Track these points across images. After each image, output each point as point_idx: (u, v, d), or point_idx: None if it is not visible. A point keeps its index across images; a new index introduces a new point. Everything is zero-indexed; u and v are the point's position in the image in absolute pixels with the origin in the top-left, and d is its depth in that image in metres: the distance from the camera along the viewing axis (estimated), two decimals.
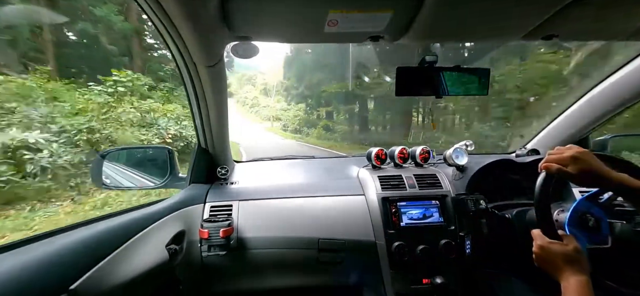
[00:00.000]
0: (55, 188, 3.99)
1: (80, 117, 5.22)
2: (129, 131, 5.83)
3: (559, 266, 0.69)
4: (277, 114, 22.62)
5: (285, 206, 1.22)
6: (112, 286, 0.70)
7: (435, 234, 1.14)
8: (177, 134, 6.84)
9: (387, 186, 1.24)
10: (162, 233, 0.96)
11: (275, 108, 24.91)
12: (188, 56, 0.90)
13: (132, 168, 1.36)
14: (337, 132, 16.45)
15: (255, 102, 29.77)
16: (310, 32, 0.85)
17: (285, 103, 25.86)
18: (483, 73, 0.96)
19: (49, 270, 0.59)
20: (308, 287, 1.39)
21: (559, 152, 0.74)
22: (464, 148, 1.31)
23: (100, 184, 1.17)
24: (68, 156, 4.30)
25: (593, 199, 0.81)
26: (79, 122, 5.02)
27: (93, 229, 0.77)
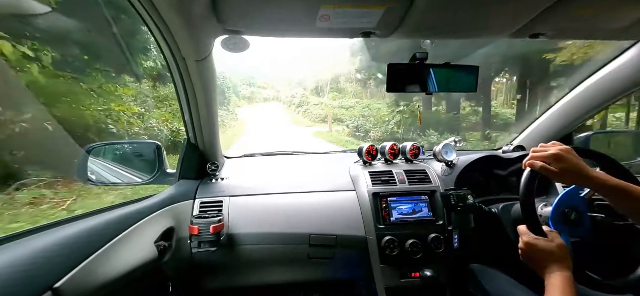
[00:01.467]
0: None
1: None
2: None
3: (543, 262, 0.72)
4: (335, 113, 16.89)
5: (276, 201, 1.22)
6: (98, 284, 0.69)
7: (424, 229, 1.16)
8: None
9: (378, 181, 1.25)
10: (151, 230, 0.95)
11: (330, 106, 19.79)
12: (176, 50, 0.88)
13: (119, 164, 1.33)
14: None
15: (304, 101, 26.27)
16: (301, 27, 0.84)
17: (345, 99, 20.33)
18: (472, 70, 0.98)
19: (33, 267, 0.57)
20: (299, 282, 1.40)
21: (543, 149, 0.76)
22: (452, 144, 1.34)
23: (86, 180, 1.14)
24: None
25: (575, 193, 0.84)
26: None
27: (79, 226, 0.75)
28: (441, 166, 1.34)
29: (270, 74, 48.59)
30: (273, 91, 43.46)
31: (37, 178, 3.20)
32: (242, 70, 43.28)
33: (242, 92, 39.77)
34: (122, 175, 1.29)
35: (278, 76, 45.36)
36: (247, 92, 40.84)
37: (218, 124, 1.26)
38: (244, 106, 31.22)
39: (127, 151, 1.36)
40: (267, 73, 47.84)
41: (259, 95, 42.07)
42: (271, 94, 42.53)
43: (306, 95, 27.95)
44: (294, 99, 28.84)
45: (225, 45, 0.92)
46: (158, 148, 1.26)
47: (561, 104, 1.42)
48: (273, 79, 45.83)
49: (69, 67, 4.61)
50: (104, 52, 5.41)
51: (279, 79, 45.59)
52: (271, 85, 46.38)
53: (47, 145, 3.40)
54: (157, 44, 0.90)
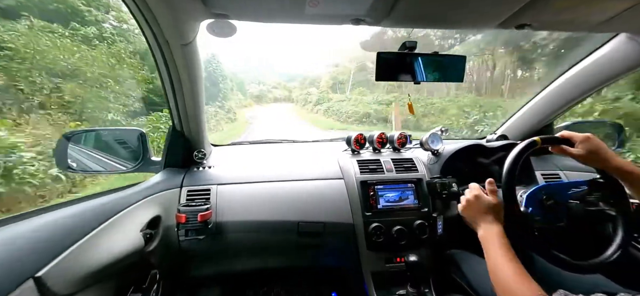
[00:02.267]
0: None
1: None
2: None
3: (484, 215, 0.83)
4: (377, 110, 14.91)
5: (265, 190, 1.22)
6: (82, 273, 0.68)
7: (410, 216, 1.19)
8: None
9: (366, 170, 1.27)
10: (137, 218, 0.93)
11: (360, 102, 16.94)
12: (160, 34, 0.84)
13: (101, 151, 1.29)
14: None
15: (323, 97, 22.77)
16: (290, 12, 0.82)
17: (379, 94, 17.25)
18: (459, 60, 0.99)
19: (13, 255, 0.55)
20: (288, 268, 1.42)
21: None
22: (439, 133, 1.36)
23: (66, 167, 1.10)
24: None
25: (561, 188, 0.89)
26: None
27: (62, 213, 0.73)
28: (428, 154, 1.37)
29: (280, 72, 47.71)
30: (284, 91, 41.83)
31: None
32: (251, 68, 41.70)
33: (251, 91, 38.39)
34: (105, 163, 1.25)
35: (289, 74, 44.23)
36: (256, 90, 39.39)
37: (204, 112, 1.23)
38: (250, 107, 29.34)
39: (110, 138, 1.32)
40: (278, 71, 46.81)
41: (270, 94, 40.91)
42: (282, 94, 41.21)
43: (326, 92, 25.24)
44: (309, 96, 26.46)
45: (211, 29, 0.89)
46: (142, 135, 1.23)
47: (543, 94, 1.47)
48: (284, 77, 44.92)
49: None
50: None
51: (290, 77, 44.17)
52: (283, 84, 44.56)
53: None
54: (139, 27, 0.86)
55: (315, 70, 41.30)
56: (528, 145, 0.86)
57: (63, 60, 5.38)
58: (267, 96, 39.23)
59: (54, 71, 5.16)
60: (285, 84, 44.08)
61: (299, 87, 37.68)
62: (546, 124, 1.55)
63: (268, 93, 39.93)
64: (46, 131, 4.38)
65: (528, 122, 1.58)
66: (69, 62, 5.50)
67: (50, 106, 4.91)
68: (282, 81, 43.51)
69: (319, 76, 35.93)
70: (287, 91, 40.34)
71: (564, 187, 0.90)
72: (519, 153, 0.86)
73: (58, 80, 5.17)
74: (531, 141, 0.86)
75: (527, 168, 1.30)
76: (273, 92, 40.85)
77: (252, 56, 65.31)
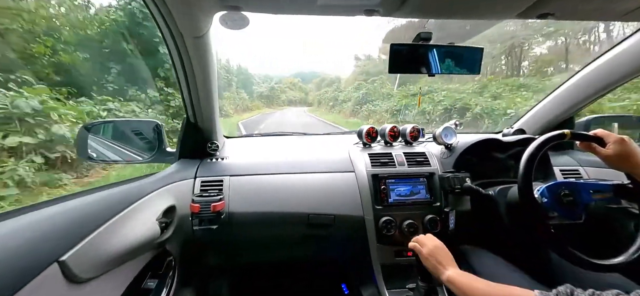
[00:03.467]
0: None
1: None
2: None
3: (445, 257, 0.83)
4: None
5: (276, 182, 1.23)
6: (103, 258, 0.71)
7: (421, 210, 1.18)
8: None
9: (377, 163, 1.26)
10: (153, 207, 0.96)
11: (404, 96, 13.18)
12: (174, 26, 0.85)
13: (119, 141, 1.33)
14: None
15: (375, 89, 18.24)
16: (302, 3, 0.82)
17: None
18: (476, 52, 0.96)
19: (39, 239, 0.58)
20: (298, 259, 1.44)
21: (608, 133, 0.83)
22: (453, 127, 1.33)
23: (86, 157, 1.14)
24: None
25: (582, 188, 0.87)
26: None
27: (84, 200, 0.76)
28: (441, 148, 1.34)
29: (297, 70, 44.27)
30: (299, 93, 37.43)
31: None
32: (261, 63, 38.26)
33: (259, 90, 34.95)
34: (122, 153, 1.29)
35: (305, 72, 40.84)
36: (265, 89, 35.65)
37: (217, 104, 1.24)
38: (256, 111, 25.70)
39: (127, 129, 1.35)
40: (293, 68, 43.32)
41: (284, 96, 36.85)
42: (297, 96, 37.18)
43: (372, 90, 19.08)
44: (337, 95, 21.79)
45: (223, 21, 0.90)
46: (158, 127, 1.26)
47: (564, 88, 1.41)
48: (299, 75, 41.06)
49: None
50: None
51: (306, 75, 40.02)
52: (297, 83, 39.98)
53: None
54: (154, 19, 0.87)
55: (339, 68, 37.56)
56: (554, 136, 0.83)
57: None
58: (279, 98, 34.56)
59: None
60: (300, 85, 39.28)
61: (326, 86, 32.51)
62: (566, 119, 1.49)
63: (281, 94, 35.22)
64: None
65: (547, 117, 1.52)
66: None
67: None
68: (297, 79, 38.65)
69: (336, 78, 33.09)
70: (303, 94, 36.01)
71: (587, 188, 0.87)
72: (542, 142, 0.83)
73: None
74: (559, 133, 0.83)
75: (545, 162, 1.26)
76: (288, 94, 35.86)
77: (266, 49, 61.35)
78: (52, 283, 0.56)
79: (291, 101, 36.29)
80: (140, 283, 0.95)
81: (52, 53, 5.66)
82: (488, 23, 8.66)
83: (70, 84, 5.56)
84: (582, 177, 1.35)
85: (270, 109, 29.30)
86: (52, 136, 4.04)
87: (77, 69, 6.15)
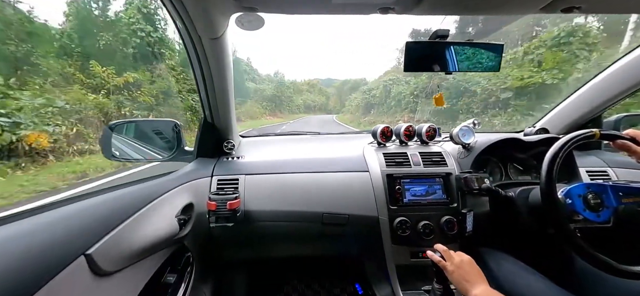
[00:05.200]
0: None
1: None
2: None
3: (472, 279, 0.77)
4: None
5: (290, 181, 1.24)
6: (126, 252, 0.73)
7: (437, 211, 1.16)
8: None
9: (392, 163, 1.24)
10: (172, 204, 0.99)
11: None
12: (193, 29, 0.88)
13: (140, 141, 1.38)
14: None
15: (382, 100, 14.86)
16: (317, 3, 0.82)
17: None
18: (496, 48, 0.93)
19: (67, 233, 0.61)
20: (311, 257, 1.45)
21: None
22: (471, 126, 1.30)
23: (110, 156, 1.19)
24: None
25: (611, 190, 0.82)
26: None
27: (108, 197, 0.79)
28: (458, 148, 1.31)
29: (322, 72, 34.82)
30: (319, 97, 29.31)
31: None
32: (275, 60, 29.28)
33: (268, 91, 27.93)
34: (144, 152, 1.34)
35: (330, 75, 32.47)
36: (272, 88, 28.04)
37: (233, 104, 1.27)
38: (262, 120, 19.67)
39: (148, 129, 1.40)
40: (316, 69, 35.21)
41: (298, 99, 29.30)
42: (317, 101, 29.56)
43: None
44: (370, 100, 17.63)
45: (239, 23, 0.91)
46: (176, 126, 1.30)
47: (591, 85, 1.34)
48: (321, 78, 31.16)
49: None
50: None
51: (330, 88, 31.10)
52: (316, 84, 31.30)
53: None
54: (174, 22, 0.90)
55: (361, 71, 31.93)
56: (582, 135, 0.79)
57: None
58: (292, 101, 27.06)
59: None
60: (320, 86, 31.46)
61: (350, 91, 25.75)
62: (593, 117, 1.42)
63: (294, 96, 27.21)
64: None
65: (572, 116, 1.46)
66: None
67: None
68: (316, 80, 30.75)
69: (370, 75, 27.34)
70: (324, 98, 28.59)
71: (616, 190, 0.82)
72: (568, 141, 0.79)
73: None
74: (588, 132, 0.79)
75: (570, 163, 1.20)
76: (303, 95, 27.39)
77: (277, 50, 52.76)
78: (79, 275, 0.59)
79: (309, 107, 29.25)
80: (160, 278, 0.98)
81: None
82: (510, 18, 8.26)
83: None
84: (611, 179, 1.28)
85: (278, 119, 22.08)
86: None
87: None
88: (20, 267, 0.49)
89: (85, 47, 8.98)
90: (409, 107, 14.46)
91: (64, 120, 6.55)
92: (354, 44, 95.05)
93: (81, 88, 7.96)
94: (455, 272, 0.81)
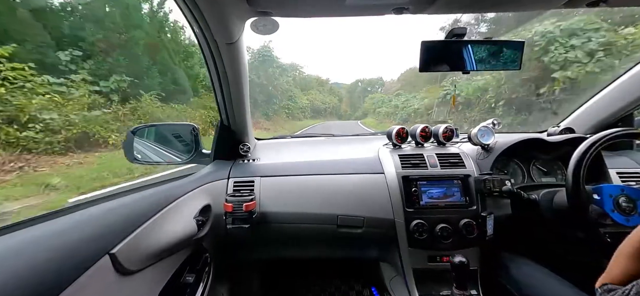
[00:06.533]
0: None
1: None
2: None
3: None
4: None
5: (305, 183, 1.24)
6: (147, 252, 0.76)
7: (456, 214, 1.13)
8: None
9: (408, 164, 1.22)
10: (190, 206, 1.02)
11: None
12: (209, 34, 0.90)
13: (160, 144, 1.43)
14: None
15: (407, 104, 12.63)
16: (331, 6, 0.82)
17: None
18: (516, 46, 0.90)
19: (92, 233, 0.64)
20: (326, 259, 1.44)
21: None
22: (490, 126, 1.26)
23: (132, 159, 1.24)
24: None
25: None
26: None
27: (131, 198, 0.82)
28: (477, 149, 1.28)
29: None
30: (331, 98, 22.90)
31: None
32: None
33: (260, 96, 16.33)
34: (164, 155, 1.39)
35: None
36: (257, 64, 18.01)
37: (249, 107, 1.29)
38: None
39: (167, 132, 1.45)
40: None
41: (302, 99, 21.09)
42: (328, 102, 22.98)
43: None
44: (396, 103, 14.59)
45: (255, 27, 0.93)
46: (194, 130, 1.33)
47: (619, 82, 1.27)
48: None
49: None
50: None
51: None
52: (326, 82, 23.90)
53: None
54: (191, 28, 0.93)
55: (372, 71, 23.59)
56: (622, 134, 0.75)
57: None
58: (295, 102, 19.15)
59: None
60: (331, 85, 24.36)
61: (363, 91, 20.13)
62: (623, 116, 1.34)
63: (298, 97, 19.71)
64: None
65: (600, 115, 1.38)
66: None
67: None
68: (326, 79, 23.67)
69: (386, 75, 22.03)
70: (336, 99, 22.08)
71: None
72: (601, 139, 0.75)
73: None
74: (630, 130, 0.75)
75: (599, 164, 1.14)
76: (311, 94, 20.65)
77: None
78: (104, 273, 0.62)
79: (318, 110, 22.28)
80: (179, 278, 1.01)
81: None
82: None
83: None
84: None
85: (263, 130, 13.81)
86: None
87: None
88: (51, 265, 0.51)
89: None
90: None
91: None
92: (364, 43, 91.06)
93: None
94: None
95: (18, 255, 0.49)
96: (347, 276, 1.62)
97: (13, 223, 0.60)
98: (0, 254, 0.48)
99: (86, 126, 6.06)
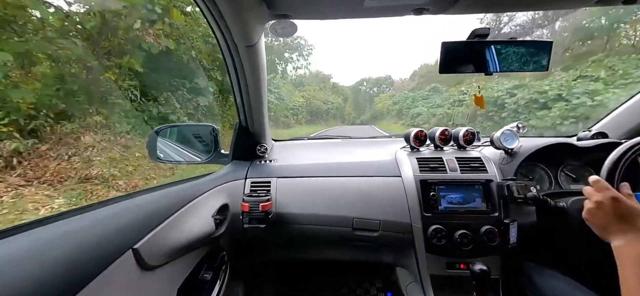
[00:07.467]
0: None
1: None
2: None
3: (622, 223, 0.67)
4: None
5: (321, 184, 1.24)
6: (168, 248, 0.79)
7: (476, 220, 1.09)
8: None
9: (426, 168, 1.20)
10: (209, 205, 1.05)
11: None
12: (229, 37, 0.92)
13: (181, 144, 1.48)
14: None
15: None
16: (349, 7, 0.82)
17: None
18: (543, 46, 0.86)
19: (116, 229, 0.66)
20: (341, 262, 1.43)
21: None
22: (515, 130, 1.21)
23: (156, 158, 1.29)
24: None
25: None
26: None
27: (152, 196, 0.86)
28: (500, 153, 1.23)
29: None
30: (335, 98, 20.08)
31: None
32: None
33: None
34: (185, 154, 1.43)
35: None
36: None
37: (266, 109, 1.31)
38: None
39: (188, 133, 1.50)
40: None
41: (296, 95, 17.99)
42: (331, 102, 19.68)
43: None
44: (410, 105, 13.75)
45: (273, 30, 0.94)
46: (214, 130, 1.37)
47: None
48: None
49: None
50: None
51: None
52: (327, 78, 21.15)
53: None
54: (212, 31, 0.95)
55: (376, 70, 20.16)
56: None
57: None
58: (285, 99, 16.94)
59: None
60: (333, 82, 21.46)
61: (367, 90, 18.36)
62: None
63: (291, 87, 17.17)
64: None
65: (635, 119, 1.29)
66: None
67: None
68: (329, 75, 20.53)
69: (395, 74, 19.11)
70: (340, 99, 19.70)
71: None
72: (638, 143, 0.70)
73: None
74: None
75: (635, 171, 1.07)
76: (307, 92, 18.09)
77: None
78: (127, 268, 0.64)
79: (315, 112, 19.27)
80: (197, 275, 1.03)
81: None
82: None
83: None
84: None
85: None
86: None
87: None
88: (77, 259, 0.54)
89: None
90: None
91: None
92: (367, 40, 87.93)
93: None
94: (591, 214, 0.74)
95: (50, 247, 0.52)
96: (363, 279, 1.60)
97: (44, 217, 0.64)
98: (33, 246, 0.51)
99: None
